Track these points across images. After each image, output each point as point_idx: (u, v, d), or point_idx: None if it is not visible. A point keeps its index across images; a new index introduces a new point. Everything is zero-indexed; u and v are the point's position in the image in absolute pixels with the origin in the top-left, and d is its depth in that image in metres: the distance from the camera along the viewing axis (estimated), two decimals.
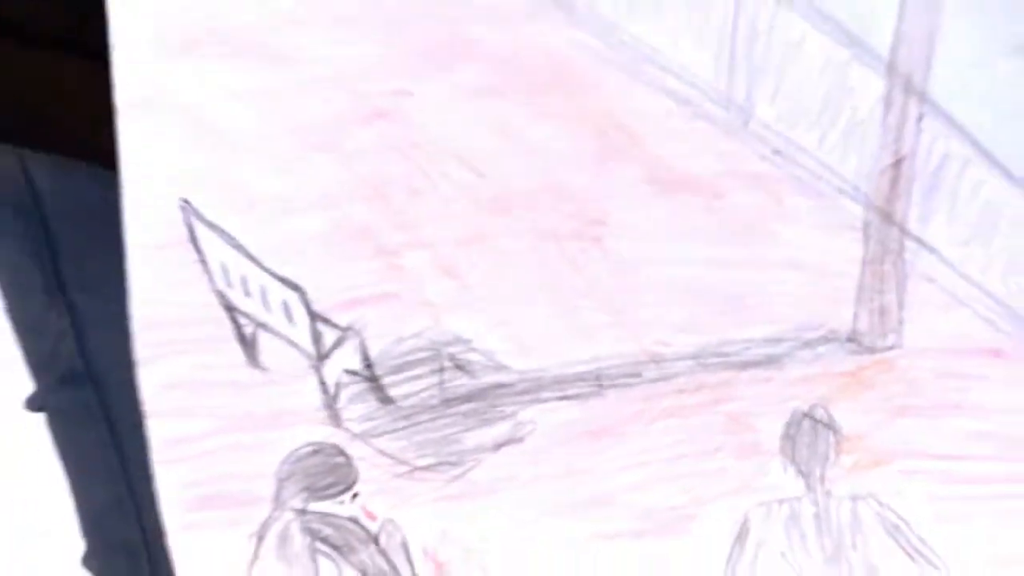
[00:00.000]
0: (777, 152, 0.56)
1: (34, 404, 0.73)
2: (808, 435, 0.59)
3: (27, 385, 0.96)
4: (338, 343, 0.57)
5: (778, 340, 0.58)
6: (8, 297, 0.72)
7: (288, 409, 0.58)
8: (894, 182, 0.56)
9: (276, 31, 0.53)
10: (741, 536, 0.59)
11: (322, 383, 0.58)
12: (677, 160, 0.56)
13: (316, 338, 0.57)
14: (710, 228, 0.56)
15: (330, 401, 0.58)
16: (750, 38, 0.54)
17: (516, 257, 0.57)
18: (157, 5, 0.53)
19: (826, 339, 0.58)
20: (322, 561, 0.59)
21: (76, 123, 0.59)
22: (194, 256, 0.55)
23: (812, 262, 0.57)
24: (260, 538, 0.58)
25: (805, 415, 0.59)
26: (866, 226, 0.57)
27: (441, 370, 0.58)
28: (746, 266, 0.57)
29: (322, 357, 0.58)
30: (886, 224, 0.57)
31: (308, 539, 0.59)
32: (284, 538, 0.59)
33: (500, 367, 0.58)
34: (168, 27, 0.53)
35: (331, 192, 0.55)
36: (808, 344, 0.58)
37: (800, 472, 0.59)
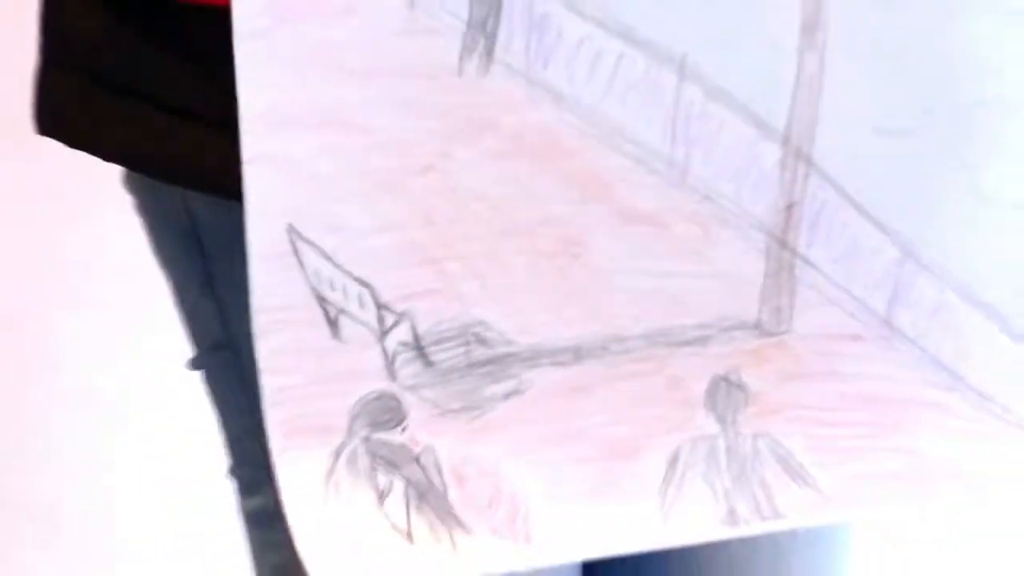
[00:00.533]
0: (707, 198, 0.66)
1: (193, 365, 0.84)
2: (724, 392, 0.68)
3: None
4: (396, 324, 0.66)
5: (705, 326, 0.68)
6: (175, 291, 0.83)
7: (359, 369, 0.67)
8: (788, 220, 0.66)
9: (355, 109, 0.63)
10: (673, 462, 0.69)
11: (384, 351, 0.66)
12: (635, 202, 0.65)
13: (380, 320, 0.66)
14: (659, 250, 0.66)
15: (389, 364, 0.67)
16: (686, 120, 0.64)
17: (522, 267, 0.66)
18: (271, 91, 0.63)
19: (738, 327, 0.68)
20: (379, 474, 0.68)
21: (221, 171, 0.67)
22: (296, 263, 0.65)
23: (730, 274, 0.67)
24: (336, 457, 0.67)
25: (722, 378, 0.68)
26: (767, 249, 0.66)
27: (467, 343, 0.67)
28: (683, 276, 0.67)
29: (384, 333, 0.66)
30: (781, 248, 0.67)
31: (369, 458, 0.68)
32: (353, 457, 0.67)
33: (510, 341, 0.67)
34: (279, 104, 0.63)
35: (393, 220, 0.65)
36: (726, 330, 0.68)
37: (718, 418, 0.69)
